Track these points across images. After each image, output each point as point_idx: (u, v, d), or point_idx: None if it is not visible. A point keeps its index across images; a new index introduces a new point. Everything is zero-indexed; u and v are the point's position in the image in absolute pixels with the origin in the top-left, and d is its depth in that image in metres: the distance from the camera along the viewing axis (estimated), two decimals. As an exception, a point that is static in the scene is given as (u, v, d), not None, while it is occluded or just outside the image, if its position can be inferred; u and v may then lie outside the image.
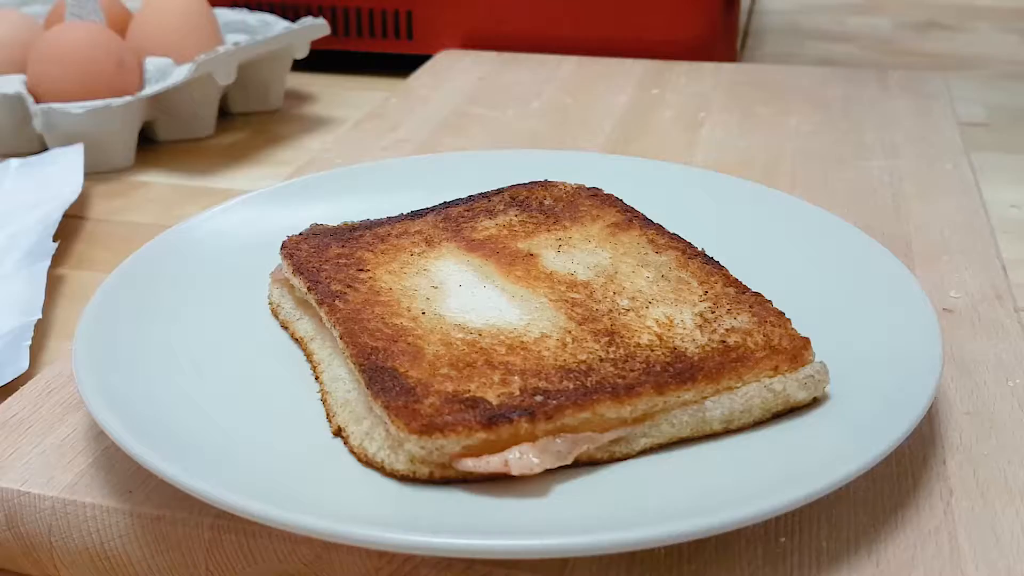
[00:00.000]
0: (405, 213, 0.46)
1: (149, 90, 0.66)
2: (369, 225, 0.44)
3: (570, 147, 0.65)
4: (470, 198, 0.47)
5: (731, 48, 0.85)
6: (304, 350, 0.39)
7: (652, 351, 0.34)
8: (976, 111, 0.77)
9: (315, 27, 0.77)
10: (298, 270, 0.40)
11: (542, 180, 0.48)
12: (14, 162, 0.63)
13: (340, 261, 0.40)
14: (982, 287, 0.46)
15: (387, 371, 0.33)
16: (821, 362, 0.34)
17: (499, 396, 0.32)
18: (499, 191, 0.47)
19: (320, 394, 0.36)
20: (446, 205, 0.46)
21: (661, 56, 0.84)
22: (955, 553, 0.31)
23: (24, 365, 0.43)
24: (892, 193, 0.57)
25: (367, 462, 0.32)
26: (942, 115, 0.70)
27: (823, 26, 1.05)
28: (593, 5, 0.84)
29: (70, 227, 0.58)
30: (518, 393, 0.32)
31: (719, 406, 0.33)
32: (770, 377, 0.33)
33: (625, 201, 0.46)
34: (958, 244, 0.50)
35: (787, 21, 1.08)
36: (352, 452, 0.33)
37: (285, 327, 0.41)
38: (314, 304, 0.38)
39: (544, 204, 0.46)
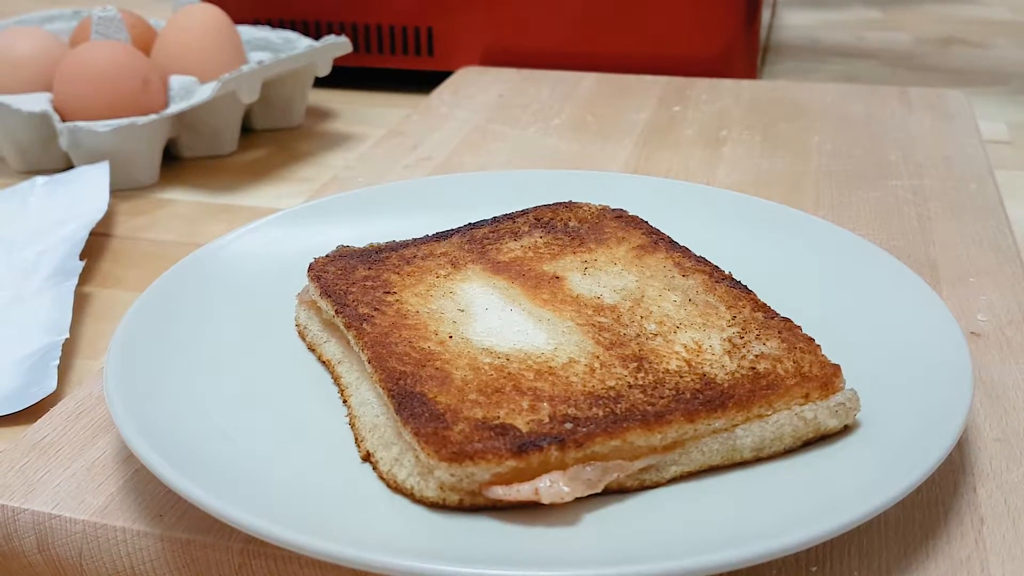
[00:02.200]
0: (430, 234, 0.46)
1: (174, 108, 0.67)
2: (395, 247, 0.44)
3: (591, 165, 0.65)
4: (495, 219, 0.47)
5: (751, 65, 0.85)
6: (331, 373, 0.39)
7: (681, 377, 0.34)
8: (999, 128, 0.77)
9: (337, 45, 0.77)
10: (325, 292, 0.40)
11: (567, 201, 0.48)
12: (40, 180, 0.63)
13: (367, 283, 0.40)
14: (1009, 309, 0.46)
15: (416, 396, 0.33)
16: (852, 389, 0.34)
17: (528, 423, 0.32)
18: (524, 212, 0.47)
19: (348, 418, 0.36)
20: (471, 226, 0.46)
21: (681, 73, 0.84)
22: (988, 583, 0.31)
23: (52, 385, 0.44)
24: (917, 213, 0.56)
25: (397, 488, 0.32)
26: (965, 133, 0.69)
27: (843, 42, 1.05)
28: (613, 22, 0.84)
29: (96, 245, 0.59)
30: (547, 420, 0.32)
31: (750, 434, 0.33)
32: (801, 405, 0.33)
33: (650, 223, 0.46)
34: (984, 265, 0.50)
35: (807, 37, 1.07)
36: (381, 478, 0.33)
37: (312, 349, 0.41)
38: (342, 327, 0.38)
39: (569, 226, 0.46)
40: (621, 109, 0.76)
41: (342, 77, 0.88)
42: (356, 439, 0.35)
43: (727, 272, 0.41)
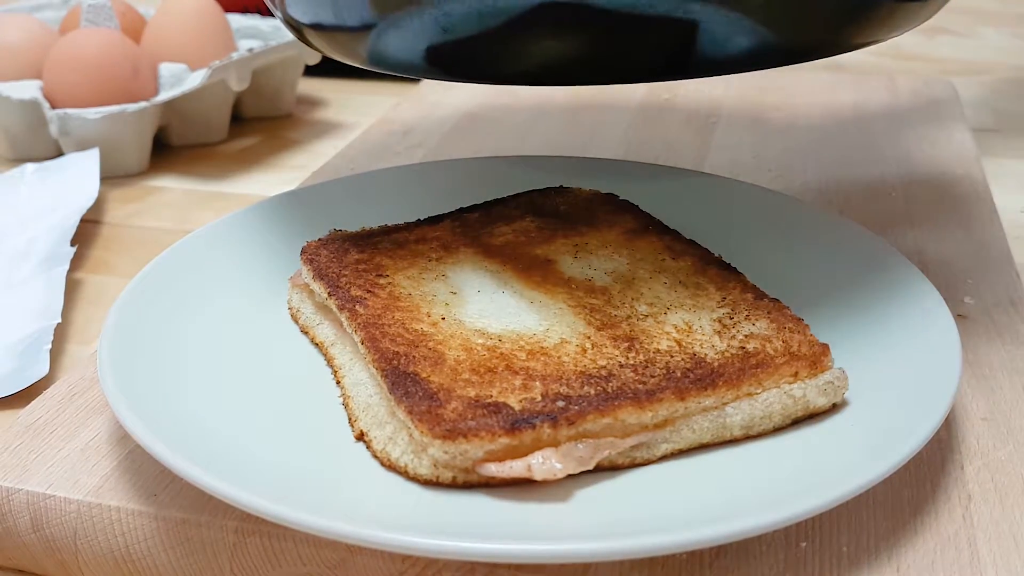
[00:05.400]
0: (422, 219, 0.46)
1: (164, 96, 0.66)
2: (387, 231, 0.44)
3: (582, 151, 0.66)
4: (486, 204, 0.47)
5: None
6: (324, 354, 0.39)
7: (672, 357, 0.34)
8: (985, 116, 0.77)
9: (327, 32, 0.77)
10: (318, 275, 0.40)
11: (558, 186, 0.48)
12: (30, 167, 0.63)
13: (359, 266, 0.41)
14: (995, 293, 0.47)
15: (409, 376, 0.33)
16: (840, 368, 0.34)
17: (521, 402, 0.32)
18: (515, 197, 0.48)
19: (342, 398, 0.36)
20: (463, 211, 0.46)
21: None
22: (974, 558, 0.31)
23: (44, 369, 0.44)
24: (904, 199, 0.57)
25: (390, 466, 0.32)
26: (952, 120, 0.70)
27: (831, 31, 1.05)
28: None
29: (86, 232, 0.59)
30: (540, 399, 0.32)
31: (739, 412, 0.33)
32: (790, 383, 0.34)
33: (640, 207, 0.46)
34: (971, 250, 0.51)
35: (795, 26, 1.08)
36: (375, 456, 0.33)
37: (305, 332, 0.41)
38: (335, 309, 0.38)
39: (560, 210, 0.46)
40: (612, 97, 0.76)
41: (332, 65, 0.87)
42: (350, 419, 0.35)
43: (717, 255, 0.42)
